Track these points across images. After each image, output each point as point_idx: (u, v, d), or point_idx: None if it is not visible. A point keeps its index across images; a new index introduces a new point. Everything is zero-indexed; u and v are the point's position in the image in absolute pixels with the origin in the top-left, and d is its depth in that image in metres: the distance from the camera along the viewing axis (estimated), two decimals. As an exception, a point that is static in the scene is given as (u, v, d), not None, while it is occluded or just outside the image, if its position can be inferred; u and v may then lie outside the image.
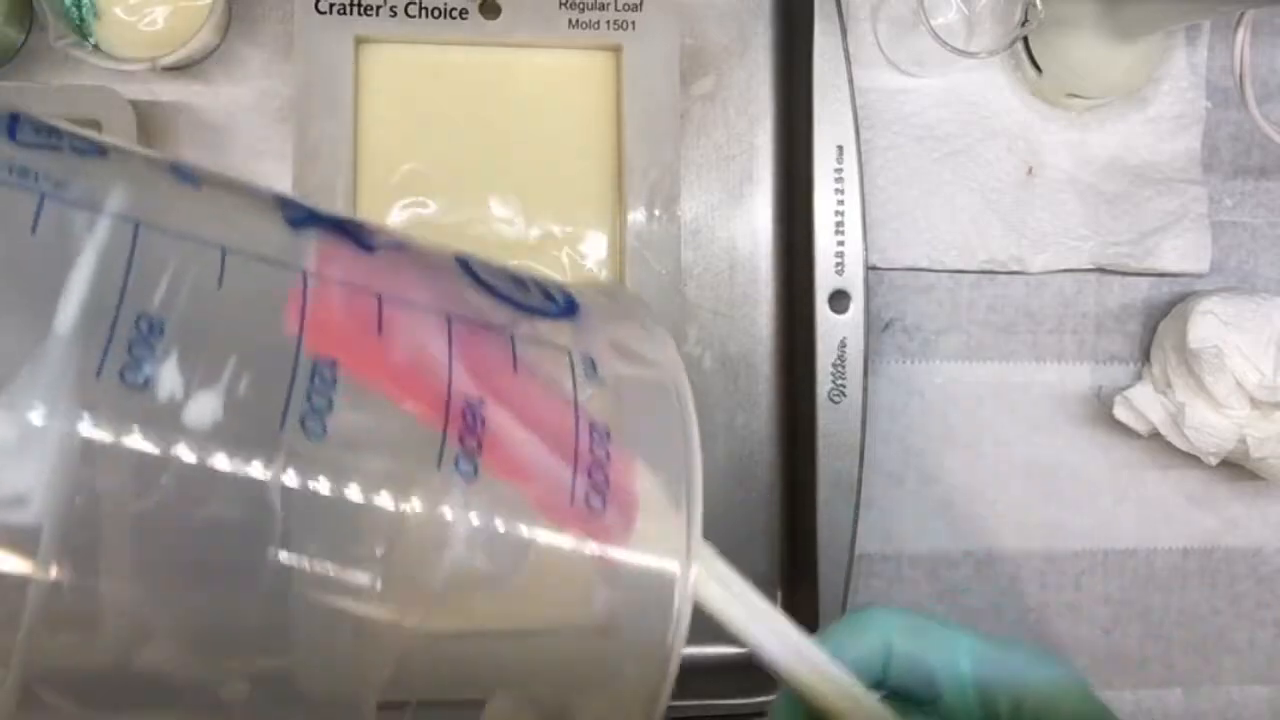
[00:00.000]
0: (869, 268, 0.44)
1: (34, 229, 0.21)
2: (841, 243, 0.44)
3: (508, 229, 0.43)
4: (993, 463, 0.49)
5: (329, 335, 0.23)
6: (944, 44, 0.43)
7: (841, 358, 0.44)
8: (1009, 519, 0.50)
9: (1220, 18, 0.48)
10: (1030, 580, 0.50)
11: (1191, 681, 0.51)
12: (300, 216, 0.26)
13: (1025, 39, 0.47)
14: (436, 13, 0.42)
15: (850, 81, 0.44)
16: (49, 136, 0.24)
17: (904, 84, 0.48)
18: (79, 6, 0.42)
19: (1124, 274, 0.49)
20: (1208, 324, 0.45)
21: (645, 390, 0.27)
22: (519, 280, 0.29)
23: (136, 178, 0.24)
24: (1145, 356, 0.50)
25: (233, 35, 0.45)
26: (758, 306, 0.47)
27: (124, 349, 0.20)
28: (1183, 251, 0.49)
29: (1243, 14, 0.43)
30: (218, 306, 0.22)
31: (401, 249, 0.27)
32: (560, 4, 0.43)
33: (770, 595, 0.33)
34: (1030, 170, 0.49)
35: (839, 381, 0.44)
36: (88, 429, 0.20)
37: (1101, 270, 0.49)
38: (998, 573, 0.50)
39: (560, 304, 0.29)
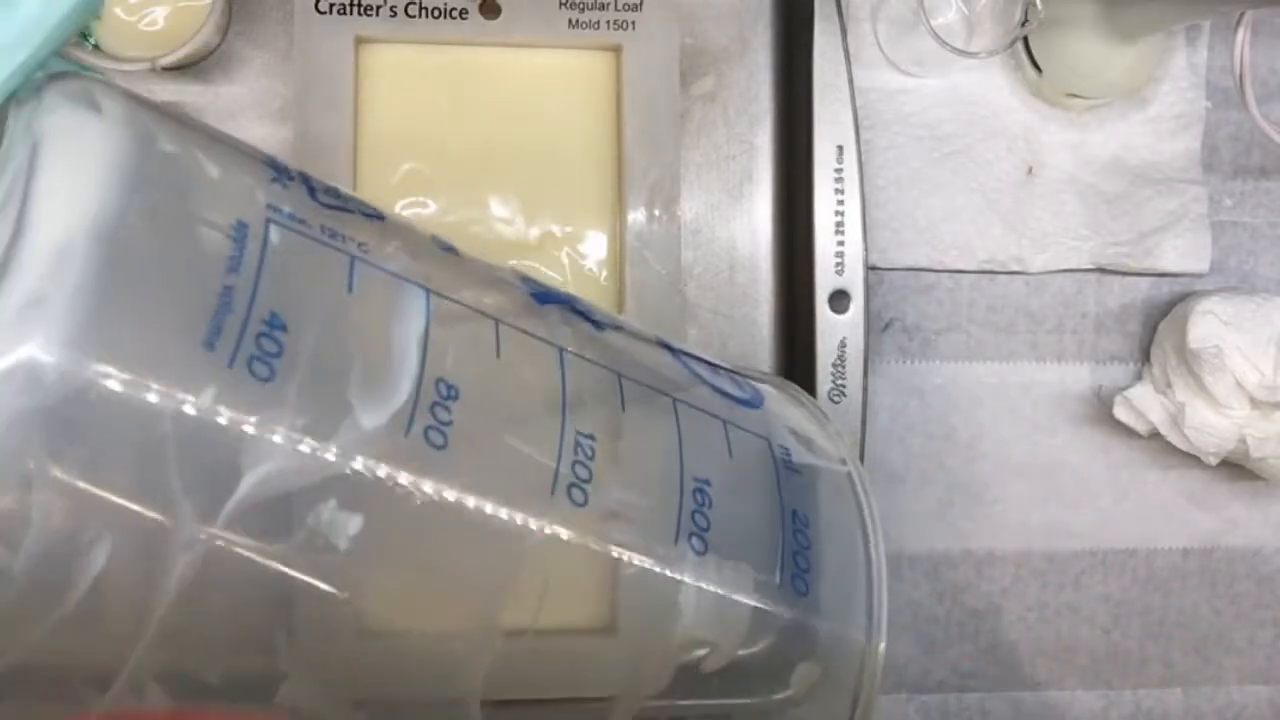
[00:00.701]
0: (869, 268, 0.44)
1: (350, 288, 0.22)
2: (841, 243, 0.44)
3: (507, 229, 0.43)
4: (993, 463, 0.49)
5: (584, 412, 0.25)
6: (944, 44, 0.43)
7: (841, 358, 0.44)
8: (1009, 519, 0.50)
9: (1220, 18, 0.48)
10: (1030, 580, 0.50)
11: (1191, 681, 0.51)
12: (540, 293, 0.28)
13: (1025, 39, 0.47)
14: (436, 13, 0.42)
15: (850, 81, 0.44)
16: (336, 198, 0.25)
17: (904, 84, 0.48)
18: (79, 6, 0.42)
19: (1124, 274, 0.49)
20: (1208, 324, 0.45)
21: (831, 480, 0.30)
22: (715, 366, 0.31)
23: (415, 243, 0.26)
24: (1145, 356, 0.50)
25: (233, 35, 0.45)
26: (758, 306, 0.47)
27: (428, 411, 0.22)
28: (1183, 251, 0.49)
29: (1243, 14, 0.43)
30: (498, 374, 0.24)
31: (620, 330, 0.29)
32: (560, 4, 0.43)
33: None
34: (1030, 170, 0.49)
35: (839, 381, 0.44)
36: (393, 477, 0.21)
37: (1101, 270, 0.49)
38: (998, 573, 0.50)
39: (749, 393, 0.31)
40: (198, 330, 0.20)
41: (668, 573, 0.24)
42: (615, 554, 0.24)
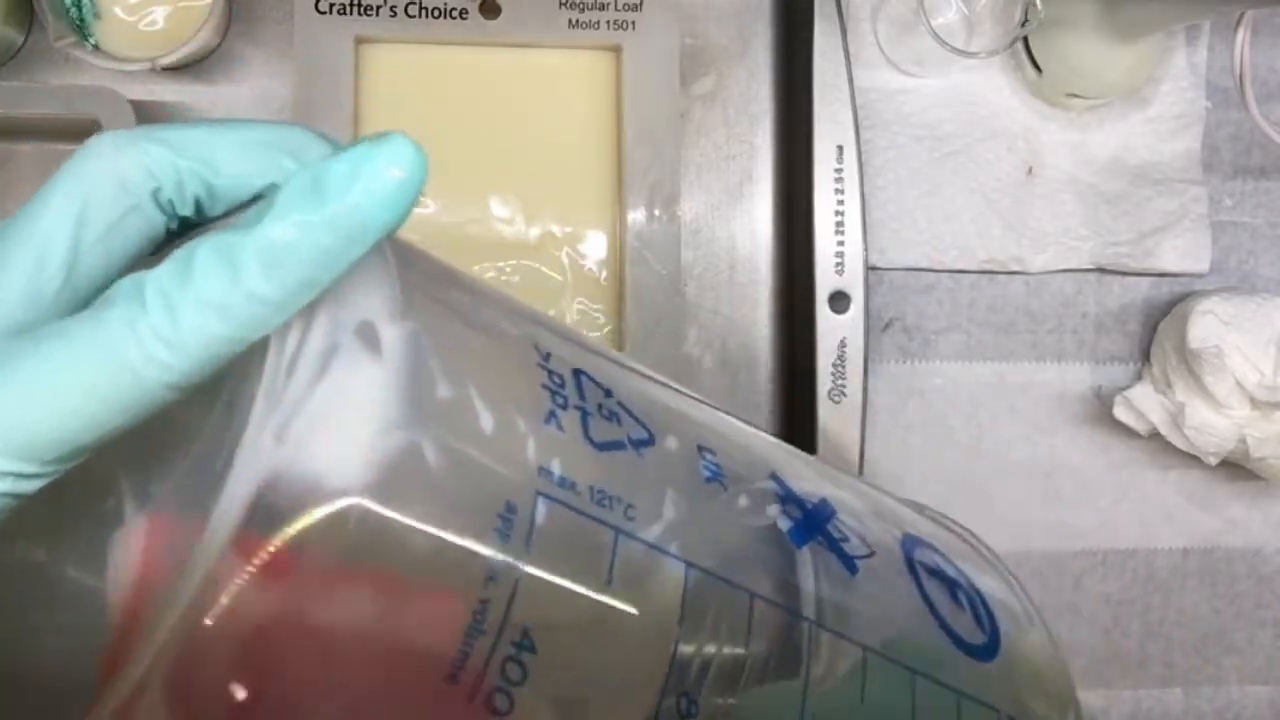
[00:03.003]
0: (869, 268, 0.44)
1: (609, 580, 0.19)
2: (841, 243, 0.44)
3: (508, 229, 0.43)
4: (993, 463, 0.49)
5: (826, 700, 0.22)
6: (944, 44, 0.43)
7: (841, 358, 0.44)
8: (1009, 519, 0.49)
9: (1220, 18, 0.48)
10: (1030, 580, 0.50)
11: (1191, 681, 0.51)
12: (798, 534, 0.24)
13: (1025, 39, 0.47)
14: (436, 13, 0.42)
15: (850, 81, 0.44)
16: (611, 421, 0.21)
17: (904, 84, 0.48)
18: (79, 7, 0.42)
19: (1124, 274, 0.49)
20: (1208, 324, 0.45)
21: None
22: (958, 594, 0.27)
23: (682, 486, 0.22)
24: (1145, 356, 0.50)
25: (233, 35, 0.45)
26: (758, 306, 0.47)
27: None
28: (1183, 251, 0.49)
29: (1243, 14, 0.43)
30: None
31: (870, 573, 0.25)
32: (560, 4, 0.43)
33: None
34: (1030, 170, 0.49)
35: (839, 381, 0.44)
36: None
37: (1101, 270, 0.49)
38: (998, 573, 0.50)
39: (988, 635, 0.27)
40: (441, 666, 0.17)
41: None
42: None
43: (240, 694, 0.16)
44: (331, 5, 0.42)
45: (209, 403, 0.18)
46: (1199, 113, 0.49)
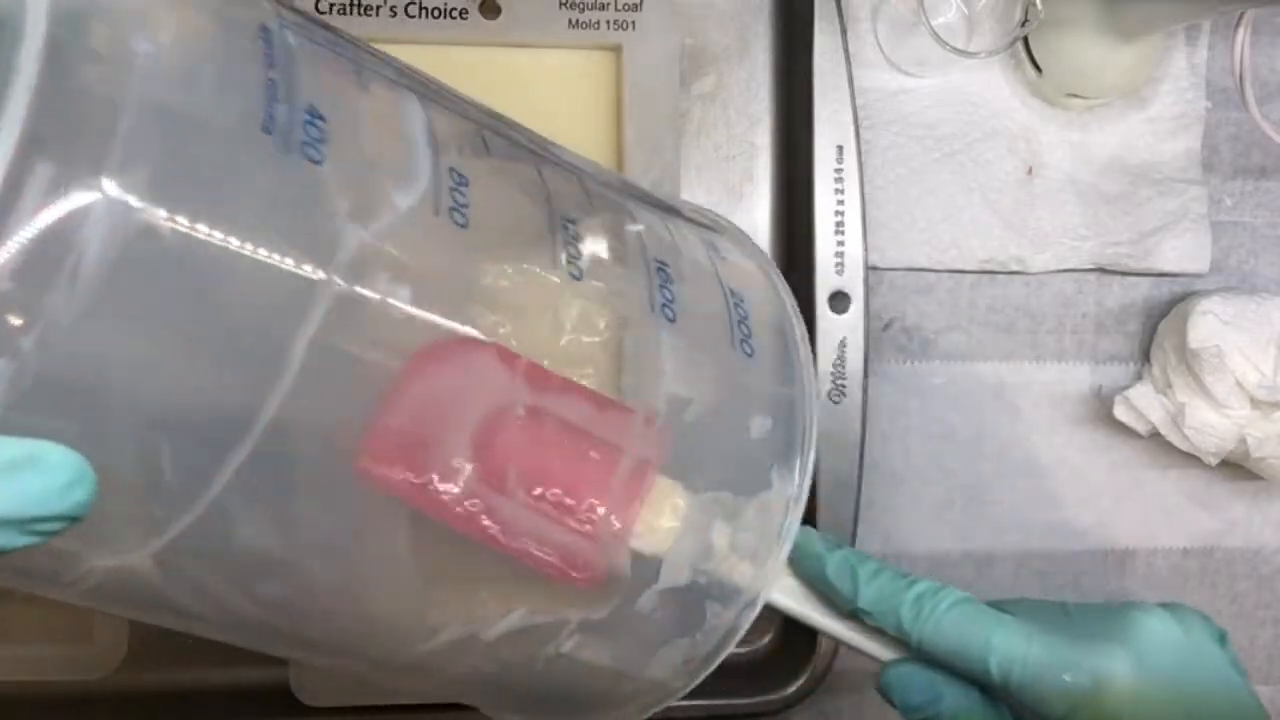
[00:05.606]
0: (869, 268, 0.44)
1: (363, 88, 0.26)
2: (841, 243, 0.44)
3: (508, 229, 0.43)
4: (993, 463, 0.49)
5: (564, 201, 0.29)
6: (944, 44, 0.43)
7: (841, 358, 0.44)
8: (1009, 519, 0.50)
9: (1220, 18, 0.48)
10: (1030, 580, 0.50)
11: (1191, 681, 0.51)
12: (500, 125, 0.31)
13: (1025, 39, 0.47)
14: (436, 13, 0.42)
15: (850, 81, 0.44)
16: (317, 22, 0.28)
17: (904, 84, 0.48)
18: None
19: (1124, 274, 0.49)
20: (1208, 324, 0.45)
21: (745, 272, 0.34)
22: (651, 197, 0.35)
23: (395, 63, 0.29)
24: (1145, 356, 0.50)
25: (233, 35, 0.45)
26: (758, 306, 0.47)
27: (448, 194, 0.25)
28: (1183, 251, 0.49)
29: (1243, 14, 0.43)
30: (494, 169, 0.28)
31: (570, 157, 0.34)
32: (560, 4, 0.43)
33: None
34: (1030, 170, 0.49)
35: (839, 381, 0.44)
36: (430, 255, 0.25)
37: (1101, 270, 0.49)
38: (998, 573, 0.50)
39: (665, 204, 0.35)
40: (257, 115, 0.21)
41: (651, 334, 0.28)
42: (612, 315, 0.27)
43: None
44: (331, 5, 0.42)
45: None
46: (1199, 113, 0.49)
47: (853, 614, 0.31)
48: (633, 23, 0.43)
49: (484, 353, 0.25)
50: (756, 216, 0.47)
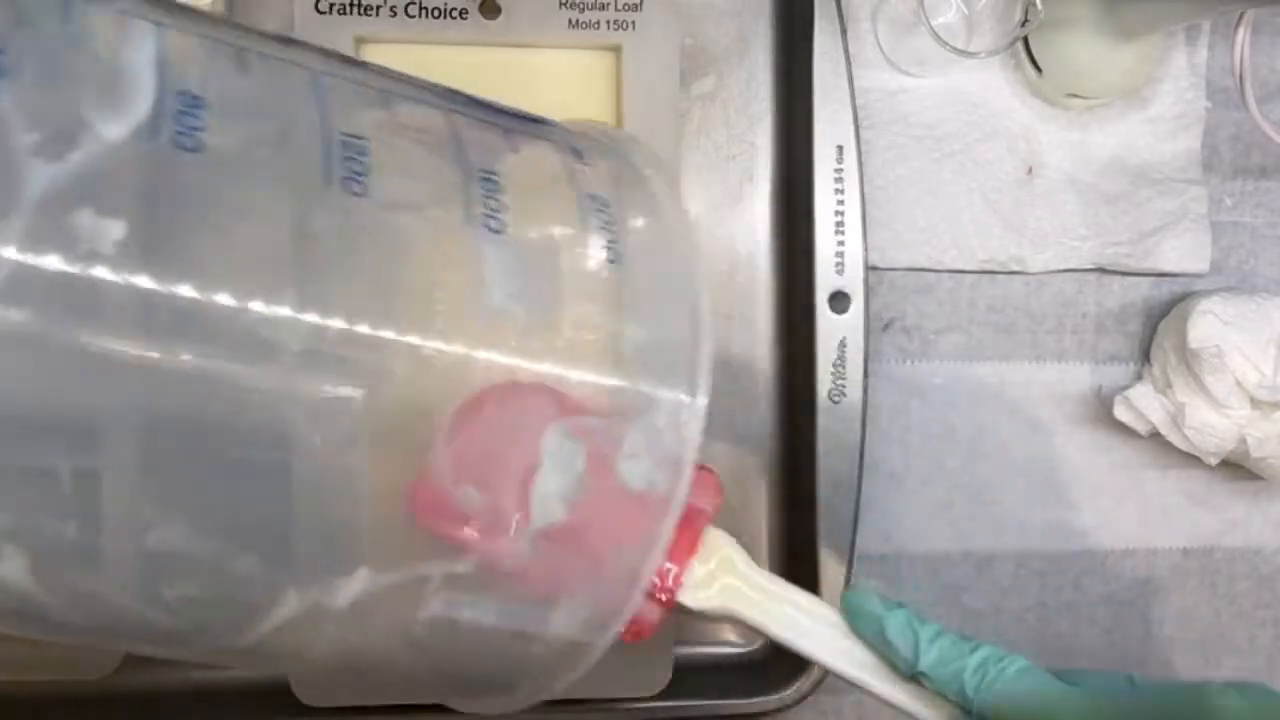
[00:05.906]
0: (869, 268, 0.44)
1: (67, 19, 0.23)
2: (841, 243, 0.44)
3: (508, 229, 0.43)
4: (993, 463, 0.49)
5: (349, 115, 0.26)
6: (944, 44, 0.43)
7: (841, 358, 0.44)
8: (1009, 519, 0.50)
9: (1220, 18, 0.48)
10: (1030, 580, 0.50)
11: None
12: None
13: (1025, 39, 0.47)
14: (436, 13, 0.42)
15: (850, 81, 0.44)
16: None
17: (904, 84, 0.48)
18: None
19: (1124, 274, 0.49)
20: (1208, 324, 0.45)
21: (623, 169, 0.32)
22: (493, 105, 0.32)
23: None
24: (1145, 356, 0.50)
25: (233, 35, 0.45)
26: (757, 307, 0.47)
27: (172, 120, 0.23)
28: (1183, 251, 0.49)
29: (1243, 14, 0.43)
30: (248, 87, 0.26)
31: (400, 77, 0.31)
32: (560, 4, 0.43)
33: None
34: (1030, 170, 0.49)
35: (839, 381, 0.44)
36: (149, 179, 0.23)
37: (1101, 270, 0.49)
38: (998, 573, 0.50)
39: (531, 118, 0.32)
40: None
41: (471, 246, 0.26)
42: (401, 232, 0.25)
43: None
44: (331, 5, 0.42)
45: None
46: (1199, 113, 0.49)
47: (912, 677, 0.30)
48: (633, 23, 0.43)
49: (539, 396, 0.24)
50: (756, 216, 0.47)
